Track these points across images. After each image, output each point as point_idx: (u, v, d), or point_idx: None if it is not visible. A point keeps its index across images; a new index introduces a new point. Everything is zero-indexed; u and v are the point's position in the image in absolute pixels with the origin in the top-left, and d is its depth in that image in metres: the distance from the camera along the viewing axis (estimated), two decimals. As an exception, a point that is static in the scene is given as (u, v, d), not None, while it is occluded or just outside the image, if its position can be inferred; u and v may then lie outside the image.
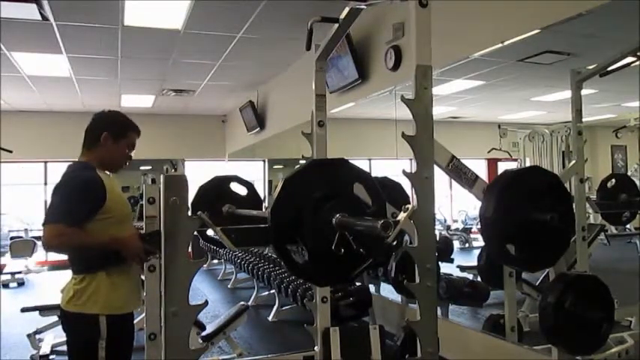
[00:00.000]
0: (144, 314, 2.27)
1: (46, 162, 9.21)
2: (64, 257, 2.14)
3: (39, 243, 8.77)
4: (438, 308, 2.24)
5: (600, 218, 3.73)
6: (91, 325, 1.97)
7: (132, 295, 2.12)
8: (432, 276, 1.58)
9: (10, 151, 5.74)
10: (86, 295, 1.99)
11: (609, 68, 3.08)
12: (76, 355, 2.09)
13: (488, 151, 5.65)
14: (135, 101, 8.20)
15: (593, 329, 1.84)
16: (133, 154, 2.26)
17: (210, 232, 1.55)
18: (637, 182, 4.04)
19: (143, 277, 2.12)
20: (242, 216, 2.33)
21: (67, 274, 2.12)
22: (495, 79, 4.60)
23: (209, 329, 3.61)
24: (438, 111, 2.90)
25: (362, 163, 5.34)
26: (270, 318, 5.07)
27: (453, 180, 1.82)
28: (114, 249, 1.99)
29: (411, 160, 1.63)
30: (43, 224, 1.94)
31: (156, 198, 2.06)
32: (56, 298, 2.15)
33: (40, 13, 4.22)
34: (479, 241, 6.20)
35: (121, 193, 2.23)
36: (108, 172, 2.20)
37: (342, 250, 1.42)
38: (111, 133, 2.16)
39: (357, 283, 3.81)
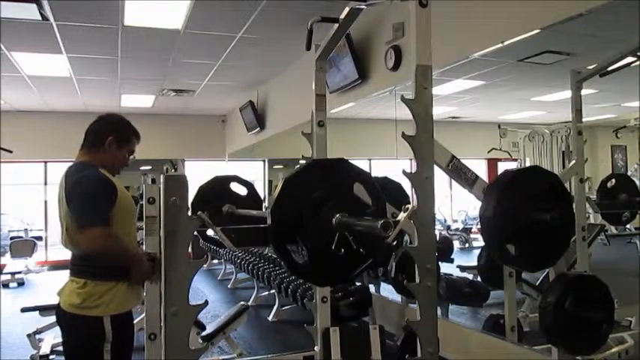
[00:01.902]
0: (144, 314, 2.27)
1: (46, 162, 9.20)
2: (63, 257, 2.14)
3: (39, 243, 8.79)
4: (438, 308, 2.24)
5: (600, 218, 3.73)
6: (96, 327, 1.97)
7: (132, 292, 2.12)
8: (432, 276, 1.58)
9: (10, 151, 5.75)
10: (91, 299, 1.99)
11: (609, 68, 3.07)
12: (76, 357, 2.09)
13: (488, 151, 5.65)
14: (135, 101, 8.20)
15: (593, 329, 1.83)
16: (131, 159, 2.28)
17: (210, 232, 1.55)
18: (637, 182, 4.04)
19: None
20: (242, 216, 2.33)
21: (66, 274, 2.11)
22: (495, 79, 4.60)
23: (209, 329, 3.61)
24: (438, 111, 2.89)
25: (362, 163, 5.34)
26: (270, 318, 5.07)
27: (453, 180, 1.82)
28: (129, 264, 2.00)
29: (411, 160, 1.63)
30: (85, 227, 1.93)
31: (156, 198, 2.06)
32: (56, 298, 2.15)
33: (40, 13, 4.23)
34: (479, 241, 6.20)
35: (124, 188, 2.22)
36: None
37: (342, 250, 1.42)
38: (116, 138, 2.17)
39: (357, 283, 3.81)
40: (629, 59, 3.07)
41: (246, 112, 7.83)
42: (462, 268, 4.78)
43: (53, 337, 4.00)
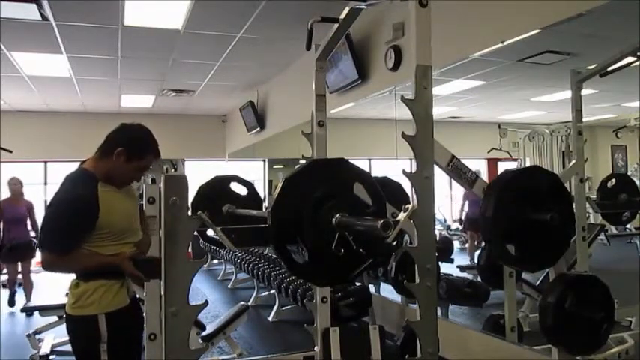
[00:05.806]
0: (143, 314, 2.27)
1: (46, 162, 9.19)
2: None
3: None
4: (438, 308, 2.24)
5: (600, 218, 3.73)
6: (90, 327, 1.98)
7: (123, 290, 2.10)
8: (432, 276, 1.57)
9: (10, 151, 5.74)
10: (84, 298, 2.00)
11: (609, 68, 3.07)
12: (79, 357, 2.10)
13: (489, 151, 5.65)
14: (135, 101, 8.20)
15: (593, 329, 1.83)
16: (143, 177, 2.16)
17: (210, 232, 1.55)
18: (637, 182, 4.04)
19: None
20: (242, 216, 2.33)
21: (66, 275, 2.13)
22: (495, 79, 4.60)
23: (209, 329, 3.61)
24: (438, 111, 2.89)
25: (362, 163, 5.34)
26: (270, 318, 5.07)
27: (453, 180, 1.82)
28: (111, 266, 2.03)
29: (411, 160, 1.63)
30: (39, 247, 2.02)
31: (156, 198, 2.06)
32: (56, 298, 2.16)
33: (40, 13, 4.22)
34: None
35: (128, 206, 2.13)
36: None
37: (342, 250, 1.42)
38: (127, 151, 2.04)
39: (357, 283, 3.81)
40: (629, 59, 3.07)
41: (246, 112, 7.83)
42: (462, 268, 4.78)
43: (53, 337, 4.01)
